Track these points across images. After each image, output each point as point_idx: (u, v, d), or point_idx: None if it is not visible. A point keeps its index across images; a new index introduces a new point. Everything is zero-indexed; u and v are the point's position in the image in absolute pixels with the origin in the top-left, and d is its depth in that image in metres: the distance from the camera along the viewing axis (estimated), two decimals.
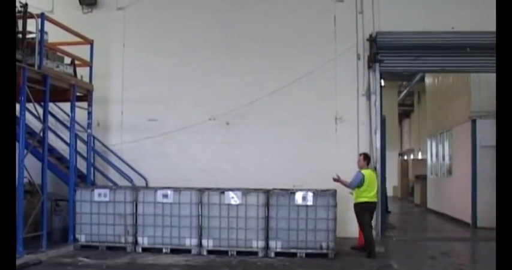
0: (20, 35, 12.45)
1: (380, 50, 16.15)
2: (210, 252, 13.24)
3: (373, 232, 14.01)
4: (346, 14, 16.51)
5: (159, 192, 13.70)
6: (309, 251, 12.86)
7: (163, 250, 13.43)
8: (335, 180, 13.64)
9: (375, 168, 15.64)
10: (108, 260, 12.49)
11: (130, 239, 13.71)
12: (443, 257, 13.36)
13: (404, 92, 34.94)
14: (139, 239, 13.67)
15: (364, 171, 13.67)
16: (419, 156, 37.40)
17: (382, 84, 16.98)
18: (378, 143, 16.15)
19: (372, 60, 16.23)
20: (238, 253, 13.07)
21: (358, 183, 13.46)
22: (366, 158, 14.07)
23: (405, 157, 43.87)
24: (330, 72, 16.37)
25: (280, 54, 16.67)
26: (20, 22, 12.49)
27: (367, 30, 16.40)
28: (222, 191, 13.42)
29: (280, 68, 16.54)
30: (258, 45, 16.80)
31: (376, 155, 16.00)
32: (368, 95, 16.34)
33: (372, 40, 16.25)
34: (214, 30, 17.05)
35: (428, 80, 27.53)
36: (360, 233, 13.98)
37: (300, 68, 16.45)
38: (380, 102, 16.39)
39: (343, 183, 13.66)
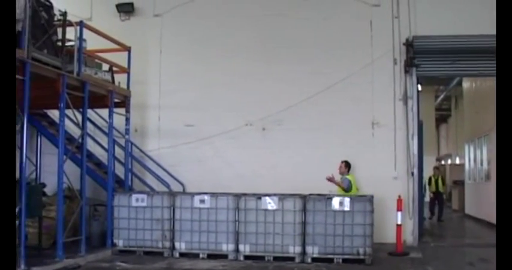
0: (60, 43, 12.64)
1: (417, 54, 16.06)
2: (246, 257, 13.26)
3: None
4: (383, 18, 16.43)
5: (196, 198, 13.76)
6: (345, 256, 12.80)
7: (200, 255, 13.49)
8: (329, 179, 14.36)
9: (412, 174, 15.57)
10: (145, 265, 12.60)
11: (167, 244, 13.79)
12: (481, 264, 13.19)
13: (442, 96, 34.61)
14: (177, 244, 13.76)
15: (349, 177, 14.79)
16: (457, 161, 37.03)
17: (419, 88, 16.86)
18: (415, 148, 16.04)
19: (409, 65, 16.15)
20: (275, 258, 13.07)
21: (349, 186, 14.49)
22: (347, 165, 15.06)
23: (442, 162, 43.46)
24: (367, 77, 16.31)
25: (317, 60, 16.64)
26: (59, 30, 12.69)
27: (404, 35, 16.30)
28: (258, 197, 13.44)
29: (317, 73, 16.51)
30: (294, 50, 16.80)
31: (413, 160, 15.91)
32: (405, 99, 16.25)
33: (409, 44, 16.15)
34: (250, 35, 17.11)
35: (465, 84, 27.25)
36: (398, 238, 13.92)
37: (336, 73, 16.40)
38: (417, 107, 16.29)
39: (337, 183, 14.48)
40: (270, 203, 13.22)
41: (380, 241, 14.35)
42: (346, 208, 12.90)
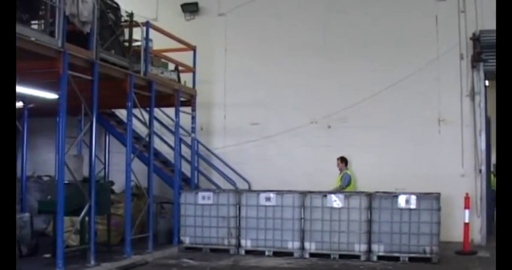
0: (127, 43, 12.87)
1: (484, 49, 15.67)
2: (312, 255, 13.25)
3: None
4: (448, 13, 16.14)
5: (262, 195, 13.81)
6: (412, 255, 12.65)
7: (266, 253, 13.53)
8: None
9: (480, 171, 15.32)
10: (211, 262, 12.70)
11: (233, 241, 13.88)
12: None
13: None
14: (243, 242, 13.84)
15: (348, 172, 15.77)
16: None
17: (487, 84, 16.51)
18: (482, 145, 15.72)
19: (476, 60, 15.81)
20: (341, 256, 13.02)
21: (348, 183, 15.51)
22: (343, 160, 15.97)
23: None
24: (432, 73, 16.06)
25: (381, 56, 16.48)
26: (126, 31, 12.92)
27: (470, 29, 15.95)
28: (324, 194, 13.41)
29: (381, 69, 16.35)
30: (358, 47, 16.67)
31: (480, 157, 15.61)
32: (472, 95, 15.93)
33: (475, 39, 15.80)
34: (314, 33, 17.06)
35: None
36: (465, 237, 13.72)
37: (401, 70, 16.20)
38: (485, 102, 15.94)
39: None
40: (336, 201, 13.18)
41: (447, 240, 14.14)
42: (413, 206, 12.76)
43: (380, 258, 12.83)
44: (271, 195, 13.73)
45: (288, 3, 17.41)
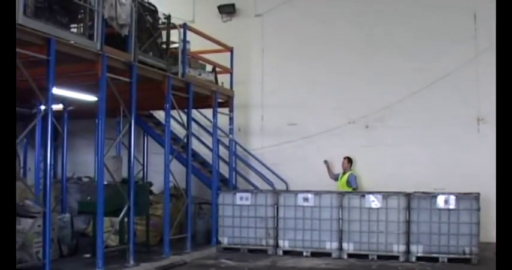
0: (164, 45, 12.96)
1: None
2: (350, 255, 13.22)
3: None
4: (487, 10, 15.92)
5: (300, 196, 13.81)
6: (451, 256, 12.56)
7: (304, 253, 13.53)
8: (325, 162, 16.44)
9: None
10: (249, 262, 12.75)
11: (271, 241, 13.91)
12: None
13: None
14: (280, 242, 13.85)
15: (354, 173, 16.05)
16: None
17: None
18: None
19: None
20: (379, 257, 12.98)
21: (356, 185, 15.78)
22: (350, 161, 16.24)
23: None
24: (472, 71, 15.87)
25: (420, 55, 16.34)
26: (164, 33, 13.02)
27: None
28: (362, 195, 13.38)
29: (420, 68, 16.21)
30: (396, 46, 16.55)
31: None
32: None
33: None
34: (351, 32, 16.99)
35: None
36: None
37: (440, 68, 16.05)
38: None
39: (332, 177, 16.30)
40: (374, 201, 13.13)
41: (486, 240, 13.92)
42: (452, 206, 12.66)
43: (419, 259, 12.77)
44: (309, 195, 13.73)
45: (324, 3, 17.37)
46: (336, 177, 16.36)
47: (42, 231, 9.78)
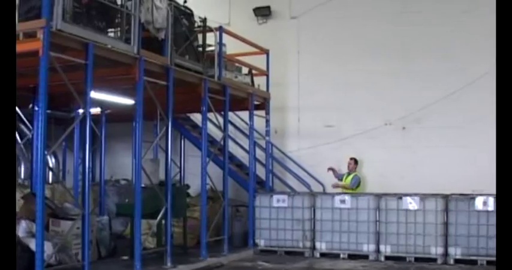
0: (201, 48, 13.03)
1: None
2: (387, 258, 13.16)
3: None
4: None
5: (337, 198, 13.79)
6: (490, 258, 12.32)
7: (341, 255, 13.50)
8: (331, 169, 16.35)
9: None
10: (286, 265, 12.76)
11: (308, 244, 13.90)
12: None
13: None
14: (317, 244, 13.83)
15: (358, 174, 15.96)
16: None
17: None
18: None
19: None
20: (416, 259, 12.89)
21: (357, 184, 15.65)
22: (356, 162, 16.21)
23: None
24: None
25: (456, 55, 16.16)
26: (200, 36, 13.08)
27: None
28: (399, 196, 13.30)
29: (457, 69, 16.03)
30: (432, 46, 16.39)
31: None
32: None
33: None
34: (387, 33, 16.88)
35: None
36: None
37: (477, 69, 15.84)
38: None
39: (336, 176, 16.29)
40: (411, 203, 13.05)
41: None
42: (490, 208, 12.51)
43: (457, 261, 12.67)
44: (346, 197, 13.72)
45: (360, 4, 17.27)
46: (340, 178, 16.33)
47: (81, 233, 9.89)
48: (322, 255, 13.73)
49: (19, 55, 9.74)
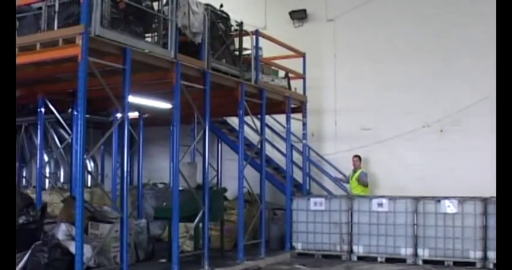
0: (237, 52, 13.08)
1: None
2: (425, 262, 13.06)
3: None
4: None
5: (374, 201, 13.74)
6: None
7: (378, 259, 13.44)
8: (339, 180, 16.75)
9: None
10: (323, 268, 12.75)
11: (345, 247, 13.86)
12: None
13: None
14: (355, 248, 13.79)
15: (365, 170, 16.24)
16: None
17: None
18: None
19: None
20: (455, 264, 12.78)
21: (367, 182, 16.04)
22: (360, 159, 16.41)
23: None
24: None
25: (494, 56, 15.92)
26: (236, 40, 13.14)
27: None
28: (437, 200, 13.20)
29: (494, 70, 15.82)
30: (470, 48, 16.20)
31: None
32: None
33: None
34: (424, 35, 16.73)
35: None
36: None
37: None
38: None
39: (345, 181, 16.59)
40: (449, 206, 12.94)
41: None
42: None
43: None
44: (384, 200, 13.65)
45: (397, 6, 17.16)
46: (348, 180, 16.41)
47: (119, 236, 9.99)
48: (360, 258, 13.67)
49: (59, 61, 10.00)
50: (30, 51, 9.75)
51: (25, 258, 9.81)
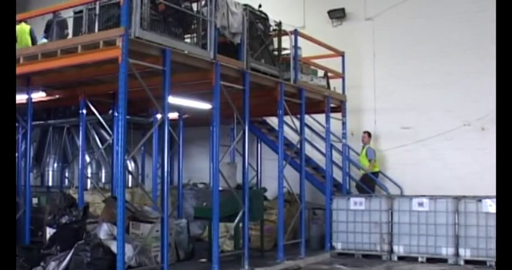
0: (276, 52, 13.11)
1: None
2: (467, 262, 12.95)
3: None
4: None
5: (415, 201, 13.65)
6: None
7: (419, 259, 13.35)
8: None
9: None
10: (364, 268, 12.70)
11: (385, 247, 13.80)
12: None
13: None
14: (395, 248, 13.72)
15: (372, 146, 16.47)
16: None
17: None
18: None
19: None
20: None
21: (375, 155, 16.30)
22: (370, 135, 16.77)
23: None
24: None
25: None
26: (275, 40, 13.16)
27: None
28: (479, 199, 13.07)
29: None
30: None
31: None
32: None
33: None
34: (464, 32, 16.52)
35: None
36: None
37: None
38: None
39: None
40: (491, 206, 12.79)
41: None
42: None
43: None
44: (424, 200, 13.56)
45: (436, 4, 16.96)
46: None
47: (160, 236, 10.09)
48: (400, 258, 13.60)
49: (100, 63, 10.12)
50: (71, 54, 9.89)
51: (68, 257, 9.96)
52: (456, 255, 13.07)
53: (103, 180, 18.06)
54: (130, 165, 17.76)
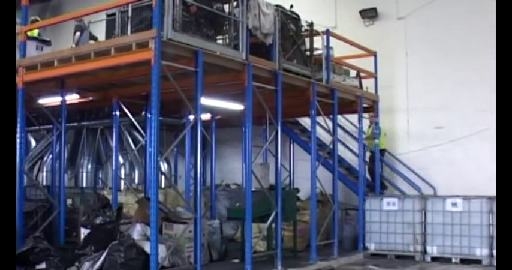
0: (308, 52, 13.10)
1: None
2: None
3: None
4: None
5: (448, 201, 13.55)
6: None
7: (453, 260, 13.25)
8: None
9: None
10: (397, 269, 12.64)
11: (419, 247, 13.72)
12: None
13: None
14: (428, 248, 13.63)
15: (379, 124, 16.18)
16: None
17: None
18: None
19: None
20: None
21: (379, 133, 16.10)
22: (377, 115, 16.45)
23: None
24: None
25: None
26: (307, 40, 13.15)
27: None
28: None
29: None
30: None
31: None
32: None
33: None
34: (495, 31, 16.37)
35: None
36: None
37: None
38: None
39: None
40: None
41: None
42: None
43: None
44: (458, 200, 13.46)
45: (467, 2, 16.82)
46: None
47: (193, 236, 10.16)
48: (434, 259, 13.51)
49: (132, 65, 10.21)
50: (105, 56, 9.98)
51: (102, 258, 10.04)
52: (491, 256, 12.93)
53: (136, 181, 18.19)
54: (163, 166, 17.85)
